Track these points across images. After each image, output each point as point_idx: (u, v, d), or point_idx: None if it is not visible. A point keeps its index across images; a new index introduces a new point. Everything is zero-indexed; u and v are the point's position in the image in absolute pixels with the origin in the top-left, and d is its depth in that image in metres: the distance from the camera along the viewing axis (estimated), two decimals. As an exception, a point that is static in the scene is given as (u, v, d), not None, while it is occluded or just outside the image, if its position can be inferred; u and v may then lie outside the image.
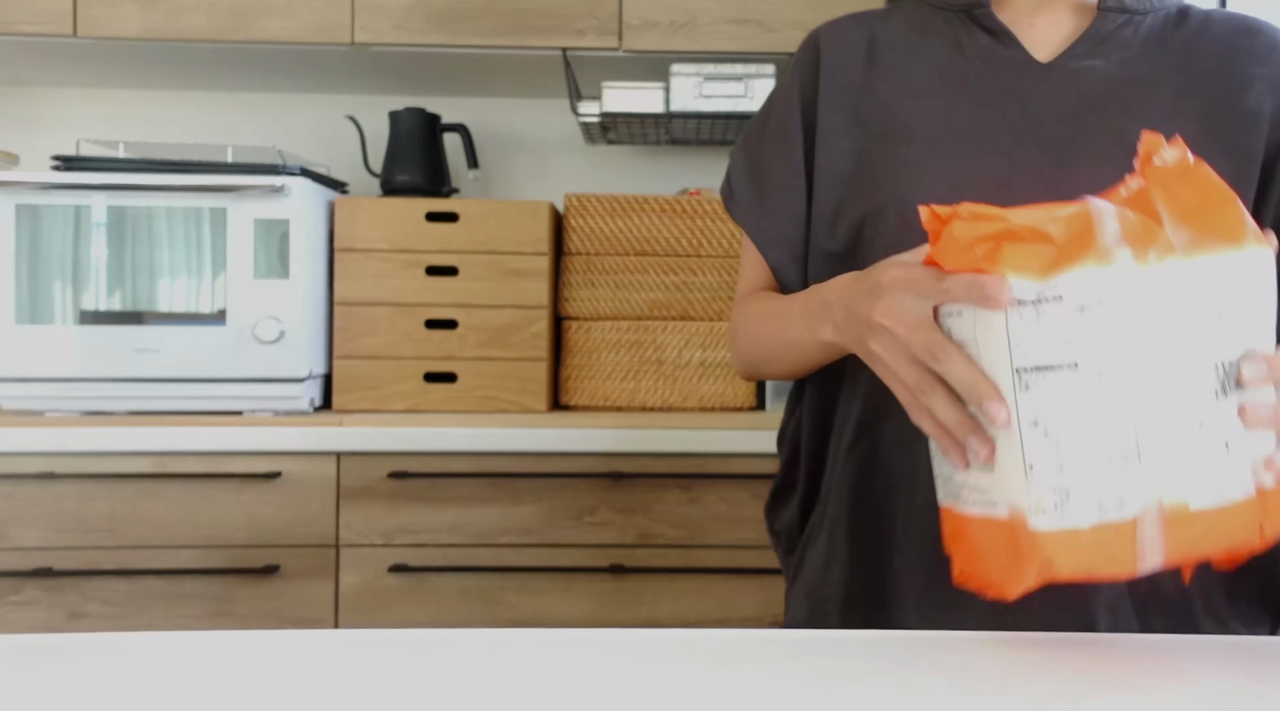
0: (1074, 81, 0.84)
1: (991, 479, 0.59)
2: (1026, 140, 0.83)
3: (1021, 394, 0.57)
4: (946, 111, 0.86)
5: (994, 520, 0.59)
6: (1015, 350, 0.57)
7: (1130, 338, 0.56)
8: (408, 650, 0.56)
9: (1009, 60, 0.86)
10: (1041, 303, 0.56)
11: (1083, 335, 0.56)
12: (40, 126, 2.16)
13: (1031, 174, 0.82)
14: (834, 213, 0.88)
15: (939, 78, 0.87)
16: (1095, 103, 0.83)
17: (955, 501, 0.63)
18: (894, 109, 0.87)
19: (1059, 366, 0.56)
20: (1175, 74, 0.84)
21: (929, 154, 0.84)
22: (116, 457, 1.60)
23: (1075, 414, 0.56)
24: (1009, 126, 0.84)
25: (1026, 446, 0.57)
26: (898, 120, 0.87)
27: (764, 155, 0.95)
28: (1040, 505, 0.56)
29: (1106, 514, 0.56)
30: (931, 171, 0.83)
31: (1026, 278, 0.56)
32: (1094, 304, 0.56)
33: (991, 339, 0.58)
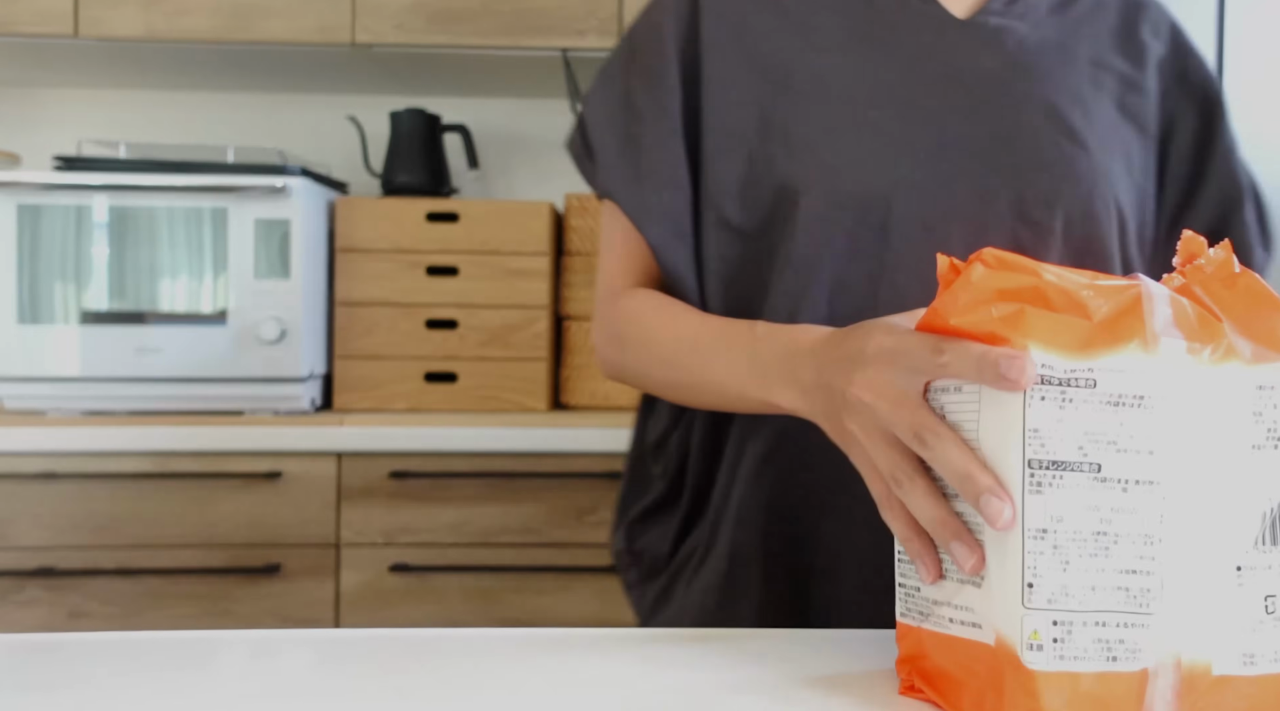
0: (996, 42, 0.77)
1: (977, 595, 0.48)
2: (956, 106, 0.75)
3: (1031, 494, 0.46)
4: (863, 69, 0.76)
5: (976, 644, 0.48)
6: (1031, 439, 0.46)
7: (1170, 446, 0.46)
8: (408, 650, 0.57)
9: (924, 14, 0.77)
10: (1070, 386, 0.46)
11: (1113, 434, 0.46)
12: (41, 127, 2.16)
13: (966, 146, 0.75)
14: (741, 182, 0.76)
15: (847, 29, 0.77)
16: (1020, 68, 0.77)
17: (922, 619, 0.52)
18: (799, 62, 0.76)
19: (1079, 467, 0.46)
20: (1085, 44, 0.80)
21: (851, 119, 0.74)
22: (118, 457, 1.61)
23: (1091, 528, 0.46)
24: (934, 89, 0.75)
25: (1029, 559, 0.46)
26: (805, 75, 0.75)
27: (632, 107, 0.79)
28: (1037, 637, 0.46)
29: (1115, 661, 0.46)
30: (856, 139, 0.74)
31: (1055, 352, 0.46)
32: (1132, 398, 0.46)
33: (1000, 421, 0.47)
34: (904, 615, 0.54)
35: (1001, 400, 0.47)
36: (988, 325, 0.47)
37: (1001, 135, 0.75)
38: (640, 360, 0.78)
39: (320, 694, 0.49)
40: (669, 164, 0.78)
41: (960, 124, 0.75)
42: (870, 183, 0.73)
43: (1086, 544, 0.46)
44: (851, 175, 0.73)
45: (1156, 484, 0.46)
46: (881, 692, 0.52)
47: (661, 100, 0.78)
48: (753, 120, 0.76)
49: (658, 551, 0.85)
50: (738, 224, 0.76)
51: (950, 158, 0.74)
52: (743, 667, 0.54)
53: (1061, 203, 0.75)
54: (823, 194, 0.73)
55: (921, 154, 0.74)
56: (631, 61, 0.81)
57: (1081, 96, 0.78)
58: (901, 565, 0.54)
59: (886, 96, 0.75)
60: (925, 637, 0.52)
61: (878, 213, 0.73)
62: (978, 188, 0.74)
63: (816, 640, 0.60)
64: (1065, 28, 0.80)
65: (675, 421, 0.83)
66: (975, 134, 0.75)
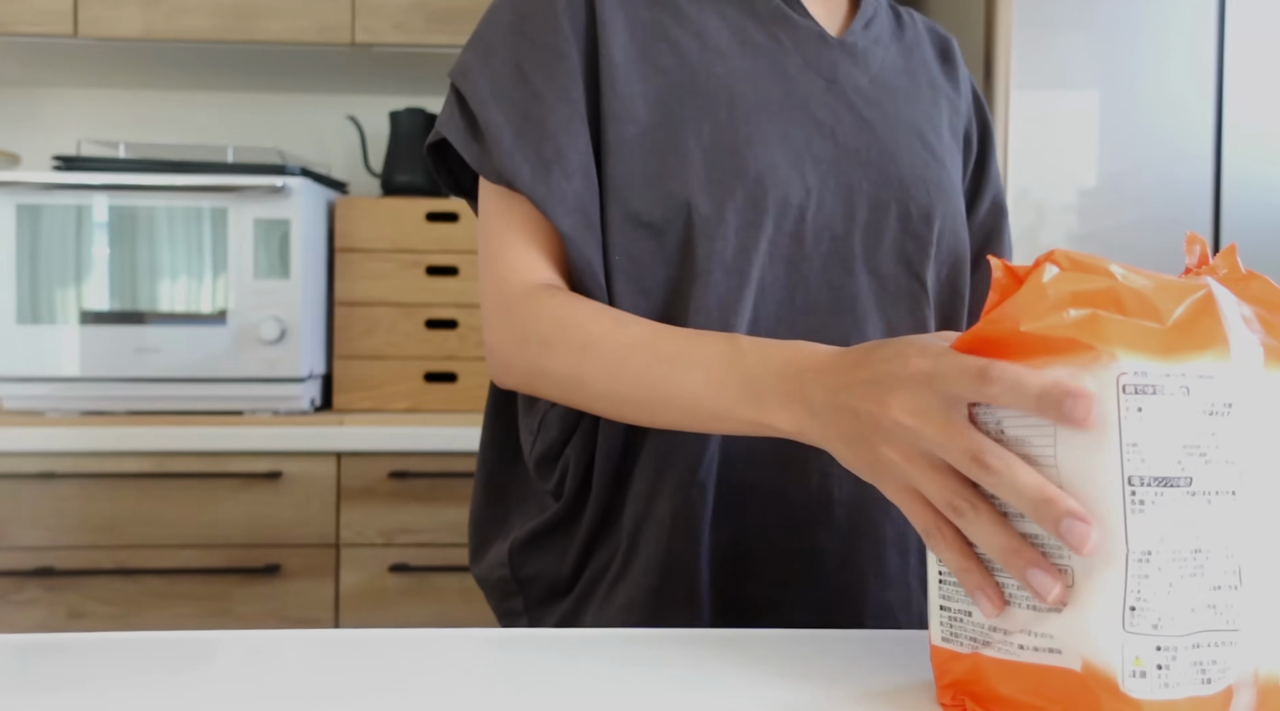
0: (864, 62, 0.81)
1: (1058, 621, 0.45)
2: (843, 118, 0.78)
3: (1134, 513, 0.42)
4: (760, 77, 0.76)
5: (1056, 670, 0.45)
6: (1130, 454, 0.42)
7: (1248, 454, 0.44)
8: (408, 650, 0.57)
9: (804, 29, 0.79)
10: (1165, 393, 0.43)
11: (1204, 445, 0.43)
12: (41, 127, 2.16)
13: (858, 157, 0.77)
14: (644, 176, 0.73)
15: (736, 36, 0.77)
16: (885, 88, 0.81)
17: (979, 646, 0.48)
18: (697, 62, 0.75)
19: (1177, 482, 0.43)
20: (922, 69, 0.86)
21: (764, 127, 0.74)
22: (117, 457, 1.61)
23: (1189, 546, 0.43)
24: (824, 102, 0.77)
25: (1132, 583, 0.42)
26: (707, 77, 0.75)
27: (528, 85, 0.74)
28: (1140, 664, 0.43)
29: (1209, 684, 0.43)
30: (772, 148, 0.74)
31: (1146, 357, 0.43)
32: (1222, 406, 0.43)
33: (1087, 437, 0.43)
34: (948, 640, 0.50)
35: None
36: (1064, 330, 0.44)
37: (886, 150, 0.78)
38: (572, 368, 0.69)
39: (320, 694, 0.49)
40: (577, 150, 0.73)
41: (851, 137, 0.77)
42: (787, 190, 0.74)
43: (1186, 563, 0.43)
44: (772, 182, 0.73)
45: (1237, 494, 0.44)
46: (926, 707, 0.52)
47: (562, 81, 0.74)
48: (659, 114, 0.74)
49: (555, 575, 0.79)
50: (647, 220, 0.73)
51: (848, 170, 0.76)
52: (743, 667, 0.54)
53: (937, 215, 0.79)
54: (746, 198, 0.72)
55: (825, 165, 0.76)
56: (520, 35, 0.76)
57: (931, 118, 0.83)
58: (945, 587, 0.50)
59: (789, 106, 0.76)
60: (985, 664, 0.48)
61: (793, 219, 0.74)
62: (873, 199, 0.77)
63: (817, 640, 0.60)
64: (904, 53, 0.85)
65: (569, 432, 0.77)
66: (865, 147, 0.78)
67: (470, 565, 0.85)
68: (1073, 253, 0.46)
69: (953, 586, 0.50)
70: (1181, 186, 1.54)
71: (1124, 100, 1.53)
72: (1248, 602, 0.44)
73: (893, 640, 0.60)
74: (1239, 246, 0.51)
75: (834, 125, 0.77)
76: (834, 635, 0.62)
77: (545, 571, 0.79)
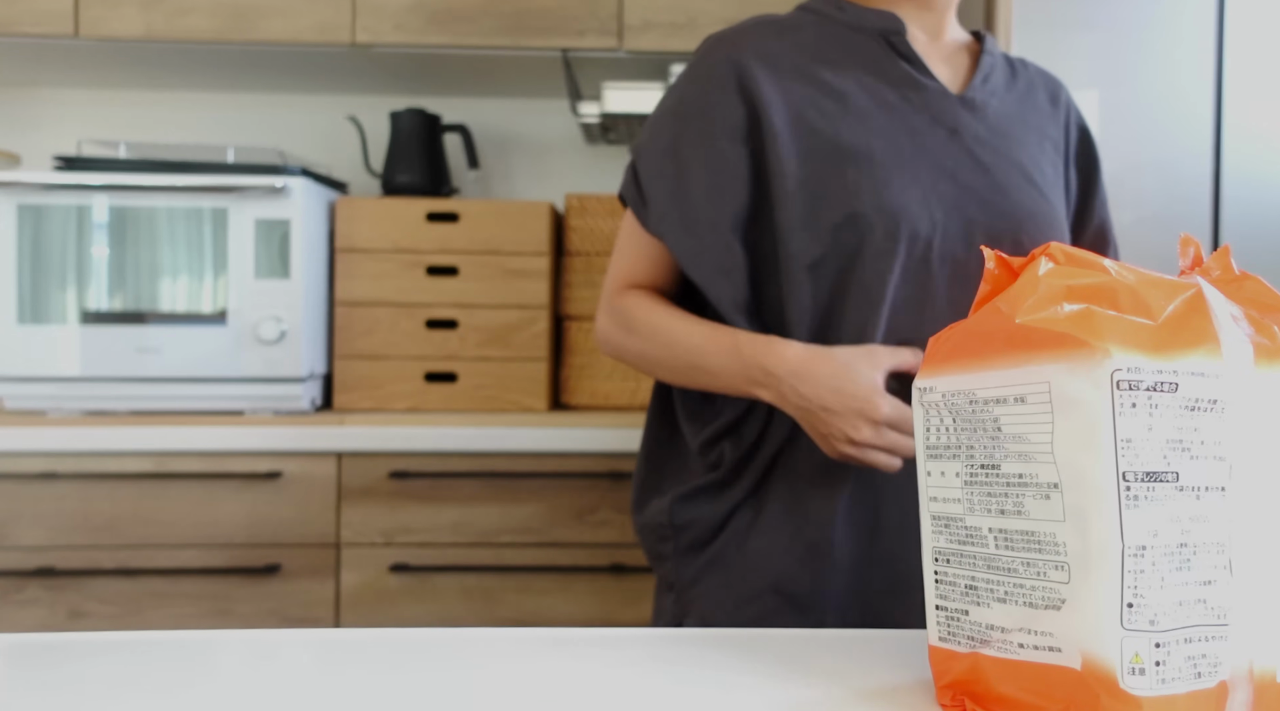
0: (982, 113, 0.97)
1: (1058, 618, 0.45)
2: (963, 163, 0.93)
3: (1129, 508, 0.43)
4: (891, 132, 0.93)
5: (1056, 668, 0.45)
6: (1124, 450, 0.43)
7: (1236, 450, 0.45)
8: (408, 650, 0.57)
9: (930, 89, 0.96)
10: (1156, 391, 0.43)
11: (1189, 440, 0.44)
12: (42, 127, 2.17)
13: (975, 195, 0.93)
14: (801, 219, 0.91)
15: (873, 99, 0.94)
16: (999, 134, 0.97)
17: (978, 645, 0.49)
18: (841, 124, 0.92)
19: (1164, 477, 0.44)
20: (1032, 116, 1.01)
21: (896, 172, 0.91)
22: (118, 457, 1.61)
23: (1175, 541, 0.44)
24: (947, 150, 0.94)
25: (1129, 579, 0.43)
26: (846, 134, 0.92)
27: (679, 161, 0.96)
28: (1139, 661, 0.43)
29: (1200, 678, 0.44)
30: (903, 189, 0.90)
31: (1139, 353, 0.43)
32: (1207, 402, 0.44)
33: (1082, 433, 0.44)
34: (945, 640, 0.51)
35: (1081, 410, 0.44)
36: (1058, 325, 0.44)
37: (999, 188, 0.94)
38: (645, 343, 0.98)
39: (320, 694, 0.50)
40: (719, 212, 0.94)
41: (969, 177, 0.93)
42: (916, 224, 0.90)
43: (1173, 558, 0.43)
44: (904, 218, 0.90)
45: (1226, 490, 0.44)
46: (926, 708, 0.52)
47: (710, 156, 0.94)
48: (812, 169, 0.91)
49: (708, 522, 0.98)
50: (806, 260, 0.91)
51: (966, 206, 0.92)
52: (743, 667, 0.54)
53: (1031, 244, 0.93)
54: (883, 231, 0.89)
55: (949, 202, 0.92)
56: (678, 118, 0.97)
57: (1037, 159, 0.98)
58: (941, 587, 0.51)
59: (917, 156, 0.92)
60: (984, 663, 0.48)
61: (921, 248, 0.90)
62: (988, 228, 0.92)
63: (818, 641, 0.60)
64: (1018, 102, 1.01)
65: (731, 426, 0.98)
66: (981, 186, 0.93)
67: (633, 515, 1.06)
68: (1067, 247, 0.47)
69: (949, 585, 0.50)
70: (1181, 186, 1.54)
71: (1124, 100, 1.53)
72: (1239, 598, 0.44)
73: (893, 640, 0.60)
74: (1239, 245, 0.51)
75: (955, 169, 0.93)
76: (834, 635, 0.62)
77: (697, 520, 0.99)
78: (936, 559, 0.51)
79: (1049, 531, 0.45)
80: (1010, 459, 0.47)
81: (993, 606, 0.48)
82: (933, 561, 0.51)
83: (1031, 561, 0.46)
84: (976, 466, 0.48)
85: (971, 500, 0.49)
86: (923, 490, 0.52)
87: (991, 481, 0.48)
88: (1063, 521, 0.45)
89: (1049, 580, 0.45)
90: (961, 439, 0.49)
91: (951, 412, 0.49)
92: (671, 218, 0.95)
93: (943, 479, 0.50)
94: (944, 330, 0.50)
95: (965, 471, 0.49)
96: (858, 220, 0.90)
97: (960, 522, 0.49)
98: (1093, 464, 0.43)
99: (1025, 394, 0.46)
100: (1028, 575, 0.46)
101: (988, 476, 0.48)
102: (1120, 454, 0.43)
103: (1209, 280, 0.49)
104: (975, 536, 0.49)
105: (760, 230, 0.95)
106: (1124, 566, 0.43)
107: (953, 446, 0.50)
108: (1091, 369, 0.43)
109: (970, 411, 0.48)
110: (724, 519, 0.99)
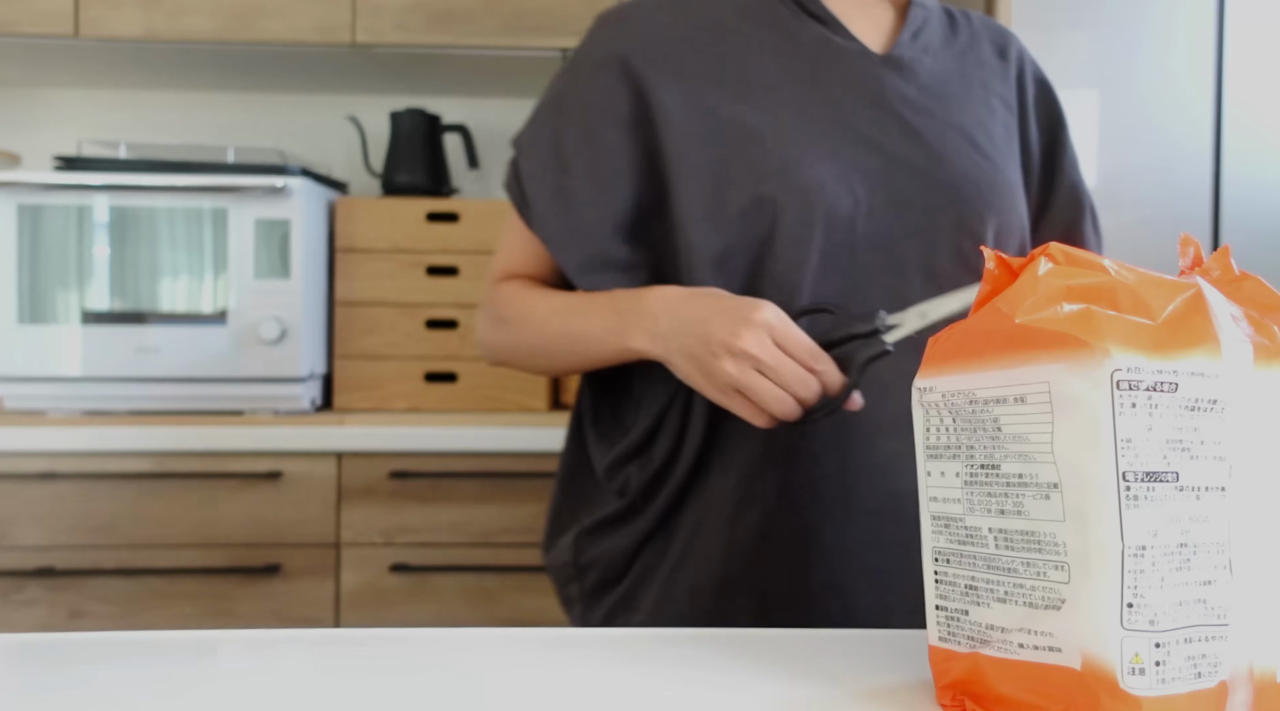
0: (911, 73, 0.86)
1: (1058, 618, 0.45)
2: (889, 132, 0.83)
3: (1129, 508, 0.43)
4: (803, 103, 0.82)
5: (1056, 668, 0.45)
6: (1124, 450, 0.43)
7: (1236, 450, 0.45)
8: (408, 650, 0.57)
9: (848, 50, 0.85)
10: (1156, 391, 0.43)
11: (1188, 440, 0.44)
12: (42, 127, 2.16)
13: (907, 166, 0.82)
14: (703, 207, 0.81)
15: (782, 69, 0.84)
16: (935, 95, 0.86)
17: (978, 645, 0.49)
18: (744, 99, 0.82)
19: (1164, 477, 0.44)
20: (975, 72, 0.89)
21: (802, 147, 0.81)
22: (118, 457, 1.61)
23: (1175, 541, 0.44)
24: (871, 118, 0.83)
25: (1129, 579, 0.43)
26: (750, 111, 0.82)
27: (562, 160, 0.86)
28: (1139, 661, 0.43)
29: (1200, 678, 0.44)
30: (818, 166, 0.80)
31: (1139, 353, 0.43)
32: (1207, 403, 0.44)
33: (1082, 433, 0.44)
34: (945, 640, 0.50)
35: (1081, 410, 0.44)
36: (1058, 325, 0.44)
37: (935, 156, 0.83)
38: (518, 330, 0.89)
39: (320, 694, 0.50)
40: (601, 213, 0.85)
41: (898, 147, 0.83)
42: (834, 203, 0.79)
43: (1173, 558, 0.43)
44: (819, 198, 0.79)
45: (1226, 490, 0.44)
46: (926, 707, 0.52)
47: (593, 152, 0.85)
48: (712, 152, 0.81)
49: (611, 560, 0.88)
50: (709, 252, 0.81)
51: (896, 179, 0.82)
52: (742, 667, 0.54)
53: (992, 214, 0.84)
54: (796, 216, 0.79)
55: (874, 176, 0.81)
56: (560, 114, 0.88)
57: (982, 120, 0.87)
58: (941, 587, 0.51)
59: (835, 127, 0.82)
60: (984, 663, 0.48)
61: (843, 231, 0.80)
62: (925, 206, 0.82)
63: (818, 641, 0.60)
64: (957, 58, 0.90)
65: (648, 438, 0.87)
66: (913, 156, 0.83)
67: (543, 554, 0.97)
68: (1067, 247, 0.46)
69: (949, 585, 0.50)
70: (1181, 186, 1.54)
71: (1124, 100, 1.53)
72: (1239, 598, 0.44)
73: (893, 640, 0.60)
74: (1238, 245, 0.52)
75: (880, 138, 0.82)
76: (834, 635, 0.62)
77: (602, 559, 0.89)
78: (936, 559, 0.51)
79: (1049, 531, 0.45)
80: (1010, 459, 0.47)
81: (993, 606, 0.48)
82: (933, 561, 0.51)
83: (1031, 561, 0.46)
84: (976, 466, 0.48)
85: (971, 500, 0.49)
86: (923, 490, 0.52)
87: (991, 481, 0.48)
88: (1063, 521, 0.45)
89: (1049, 580, 0.45)
90: (961, 439, 0.49)
91: (951, 413, 0.49)
92: (554, 221, 0.86)
93: (943, 479, 0.50)
94: (943, 330, 0.50)
95: (965, 471, 0.49)
96: (765, 203, 0.79)
97: (960, 523, 0.49)
98: (1093, 464, 0.43)
99: (1025, 394, 0.45)
100: (1028, 575, 0.46)
101: (988, 476, 0.48)
102: (1120, 454, 0.43)
103: (1209, 280, 0.49)
104: (975, 536, 0.49)
105: (662, 225, 0.85)
106: (1124, 566, 0.43)
107: (952, 446, 0.50)
108: (1091, 369, 0.43)
109: (970, 411, 0.48)
110: (631, 554, 0.88)
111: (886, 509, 0.80)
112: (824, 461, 0.80)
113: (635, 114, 0.84)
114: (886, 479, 0.80)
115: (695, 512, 0.84)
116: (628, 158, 0.84)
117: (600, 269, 0.85)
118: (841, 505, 0.80)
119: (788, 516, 0.80)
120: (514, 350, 0.91)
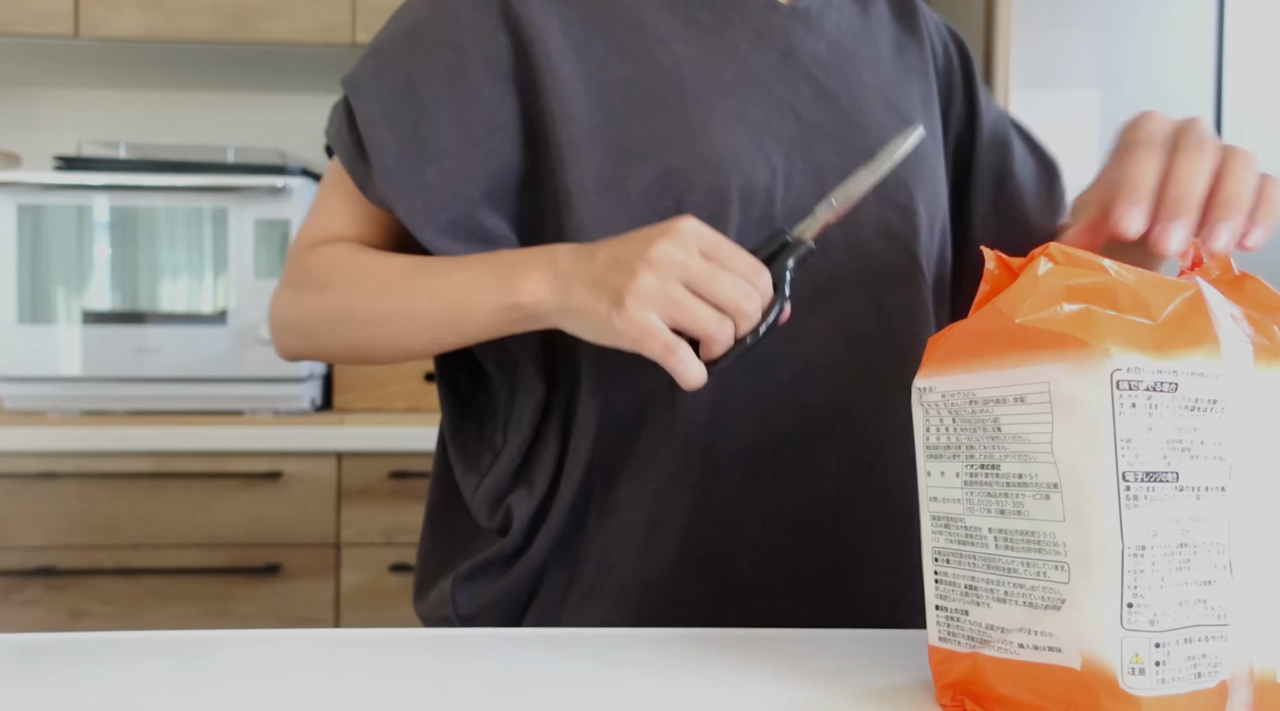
0: (819, 28, 0.76)
1: (1058, 618, 0.45)
2: (803, 92, 0.73)
3: (1129, 508, 0.43)
4: (706, 57, 0.72)
5: (1056, 668, 0.45)
6: (1124, 450, 0.43)
7: (1236, 450, 0.45)
8: (408, 650, 0.57)
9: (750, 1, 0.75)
10: (1156, 391, 0.43)
11: (1188, 440, 0.44)
12: (42, 127, 2.16)
13: (823, 132, 0.73)
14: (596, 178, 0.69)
15: (680, 18, 0.73)
16: (844, 54, 0.76)
17: (978, 645, 0.48)
18: (639, 51, 0.71)
19: (1164, 477, 0.44)
20: (881, 30, 0.80)
21: (708, 108, 0.70)
22: (118, 457, 1.61)
23: (1175, 541, 0.44)
24: (780, 76, 0.73)
25: (1129, 579, 0.43)
26: (646, 65, 0.71)
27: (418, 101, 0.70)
28: (1139, 661, 0.43)
29: (1200, 678, 0.44)
30: (727, 131, 0.70)
31: (1139, 353, 0.43)
32: (1207, 402, 0.44)
33: (1083, 433, 0.44)
34: (945, 640, 0.50)
35: (1081, 410, 0.43)
36: (1058, 325, 0.44)
37: (852, 122, 0.74)
38: (345, 296, 0.70)
39: (320, 694, 0.50)
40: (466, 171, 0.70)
41: (812, 110, 0.73)
42: (750, 174, 0.70)
43: (1173, 558, 0.43)
44: (734, 167, 0.70)
45: (1226, 490, 0.44)
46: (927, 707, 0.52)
47: (458, 96, 0.70)
48: (604, 112, 0.70)
49: (506, 606, 0.75)
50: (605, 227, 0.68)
51: (814, 147, 0.73)
52: (742, 667, 0.54)
53: (916, 182, 0.75)
54: (708, 189, 0.69)
55: (788, 142, 0.72)
56: (416, 43, 0.71)
57: (896, 80, 0.79)
58: (941, 587, 0.50)
59: (743, 86, 0.72)
60: (984, 663, 0.48)
61: (760, 206, 0.70)
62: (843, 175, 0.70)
63: (818, 641, 0.60)
64: (861, 11, 0.80)
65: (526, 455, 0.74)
66: (830, 120, 0.74)
67: (414, 604, 0.81)
68: (1066, 247, 0.46)
69: (948, 585, 0.50)
70: (1181, 186, 1.54)
71: (1124, 100, 1.53)
72: (1239, 598, 0.44)
73: (893, 640, 0.60)
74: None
75: (794, 100, 0.73)
76: (834, 635, 0.62)
77: (491, 606, 0.75)
78: (936, 559, 0.51)
79: (1049, 531, 0.45)
80: (1010, 459, 0.47)
81: (992, 606, 0.48)
82: (932, 561, 0.51)
83: (1031, 561, 0.46)
84: (976, 466, 0.48)
85: (971, 500, 0.49)
86: (922, 490, 0.52)
87: (991, 481, 0.48)
88: (1062, 521, 0.45)
89: (1049, 580, 0.45)
90: (961, 439, 0.49)
91: (951, 413, 0.49)
92: (404, 177, 0.69)
93: (942, 479, 0.50)
94: (943, 330, 0.50)
95: (965, 471, 0.49)
96: (673, 177, 0.69)
97: (960, 523, 0.49)
98: (1092, 464, 0.43)
99: (1025, 394, 0.45)
100: (1027, 575, 0.46)
101: (987, 476, 0.48)
102: (1120, 454, 0.43)
103: (1209, 280, 0.49)
104: (975, 536, 0.49)
105: (536, 198, 0.72)
106: (1124, 566, 0.43)
107: (952, 446, 0.50)
108: (1091, 369, 0.43)
109: (970, 411, 0.48)
110: (527, 596, 0.74)
111: (823, 515, 0.72)
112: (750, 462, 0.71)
113: (514, 60, 0.70)
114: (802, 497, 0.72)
115: (600, 537, 0.72)
116: (506, 113, 0.70)
117: (465, 237, 0.69)
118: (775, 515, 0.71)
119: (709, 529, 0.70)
120: (332, 322, 0.71)
